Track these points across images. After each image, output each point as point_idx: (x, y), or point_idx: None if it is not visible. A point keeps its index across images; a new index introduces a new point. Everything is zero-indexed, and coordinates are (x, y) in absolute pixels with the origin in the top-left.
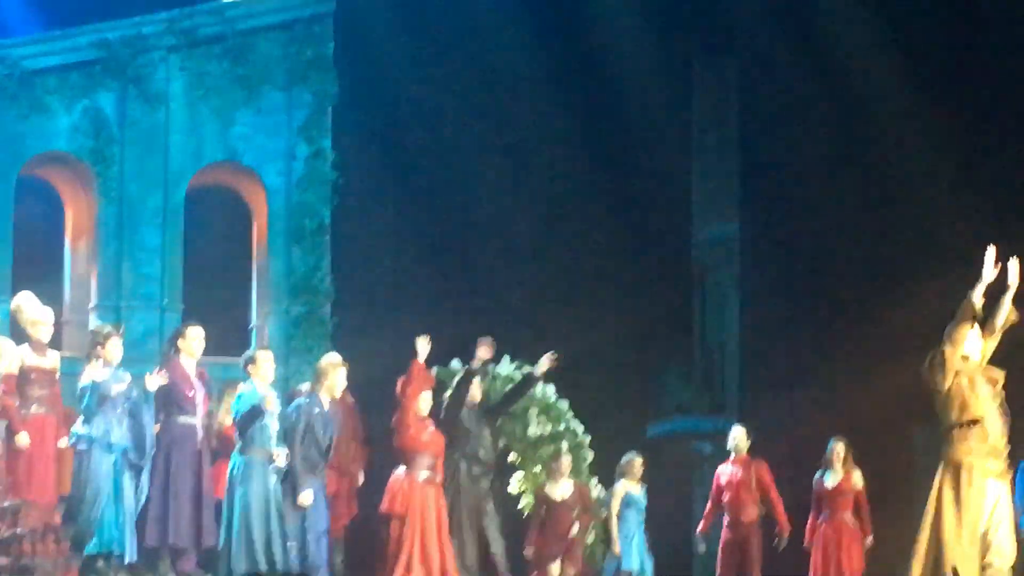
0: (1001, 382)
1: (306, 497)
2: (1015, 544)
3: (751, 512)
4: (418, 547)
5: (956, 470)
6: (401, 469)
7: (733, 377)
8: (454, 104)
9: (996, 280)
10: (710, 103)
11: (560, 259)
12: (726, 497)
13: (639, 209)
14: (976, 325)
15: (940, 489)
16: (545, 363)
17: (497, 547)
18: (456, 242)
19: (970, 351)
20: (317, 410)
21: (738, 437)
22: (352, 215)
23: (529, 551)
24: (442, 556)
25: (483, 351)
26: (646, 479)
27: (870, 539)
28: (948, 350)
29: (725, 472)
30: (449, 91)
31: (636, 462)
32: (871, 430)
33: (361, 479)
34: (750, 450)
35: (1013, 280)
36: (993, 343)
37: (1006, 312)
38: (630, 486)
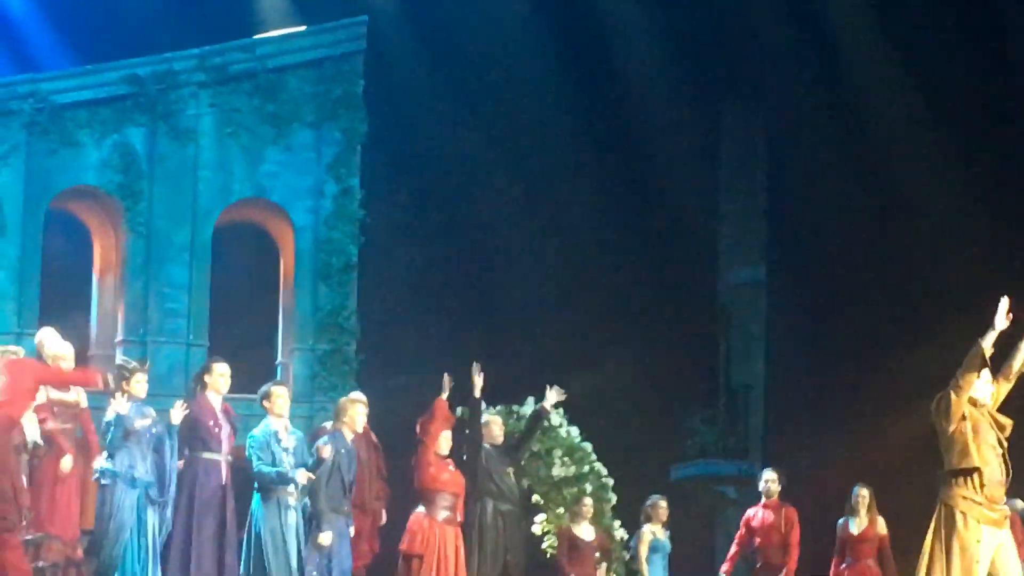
0: (1008, 430)
1: (326, 538)
2: None
3: (782, 556)
4: None
5: (951, 513)
6: (420, 508)
7: (758, 421)
8: (482, 144)
9: (1014, 325)
10: (737, 148)
11: (586, 300)
12: (757, 541)
13: (666, 253)
14: (988, 370)
15: (935, 532)
16: (553, 396)
17: None
18: (482, 283)
19: (980, 395)
20: (343, 448)
21: (771, 480)
22: (379, 253)
23: None
24: None
25: (477, 379)
26: (669, 523)
27: None
28: (954, 396)
29: (756, 516)
30: (478, 131)
31: (661, 505)
32: (896, 475)
33: (384, 517)
34: (780, 495)
35: None
36: (1007, 387)
37: (1023, 357)
38: (656, 530)
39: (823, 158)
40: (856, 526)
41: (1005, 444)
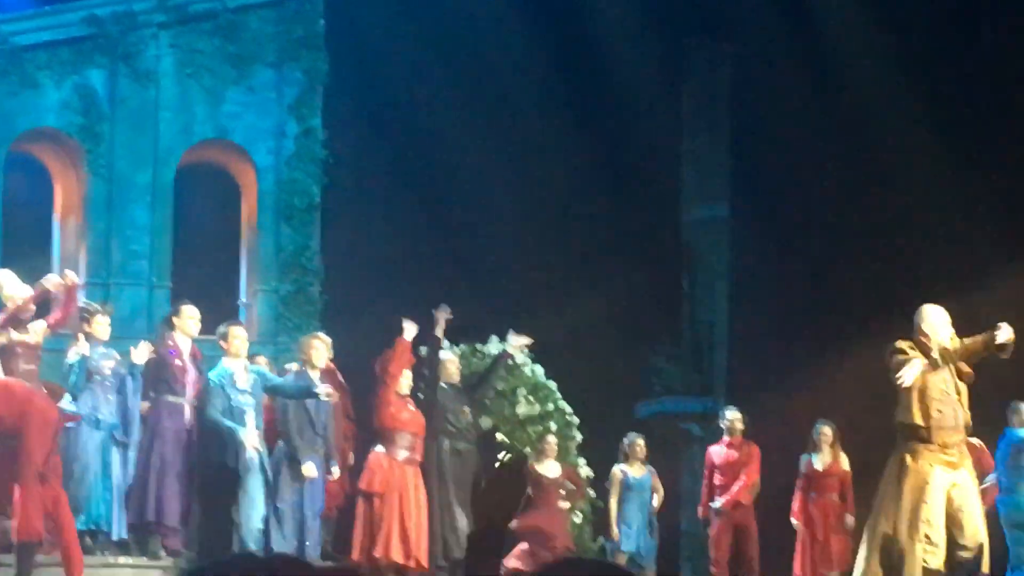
0: (968, 378)
1: (310, 469)
2: (983, 525)
3: (746, 494)
4: (397, 526)
5: (901, 456)
6: (380, 448)
7: (722, 358)
8: (445, 82)
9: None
10: (701, 85)
11: (550, 240)
12: (719, 479)
13: (629, 190)
14: (947, 314)
15: (888, 473)
16: (516, 340)
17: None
18: (446, 222)
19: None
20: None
21: (733, 419)
22: (342, 193)
23: (514, 523)
24: (418, 535)
25: (440, 317)
26: (648, 460)
27: (851, 519)
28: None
29: (719, 454)
30: (440, 70)
31: (638, 444)
32: (858, 413)
33: (352, 458)
34: (743, 432)
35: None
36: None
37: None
38: (629, 469)
39: (789, 95)
40: (820, 462)
41: (963, 390)
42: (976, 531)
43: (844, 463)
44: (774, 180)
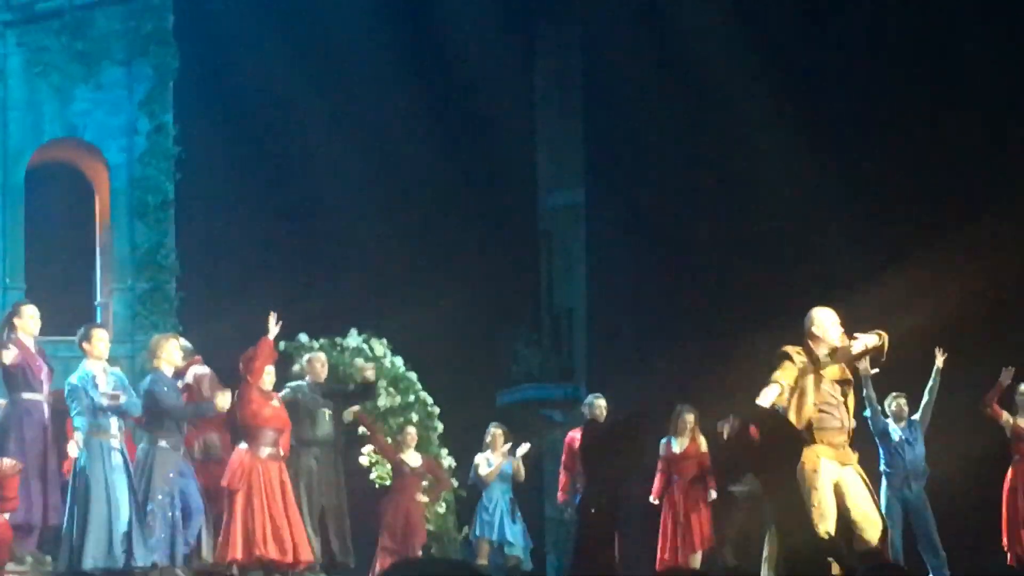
0: (851, 384)
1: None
2: (878, 515)
3: None
4: (268, 523)
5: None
6: (243, 445)
7: (581, 344)
8: (296, 76)
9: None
10: (553, 69)
11: (407, 230)
12: (581, 465)
13: (484, 177)
14: (839, 329)
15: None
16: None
17: (337, 528)
18: (301, 215)
19: (822, 352)
20: (165, 386)
21: (600, 406)
22: (196, 190)
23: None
24: (291, 531)
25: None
26: (511, 450)
27: (714, 493)
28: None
29: (579, 439)
30: (291, 63)
31: (496, 434)
32: (717, 398)
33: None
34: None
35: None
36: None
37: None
38: (491, 457)
39: (641, 78)
40: (679, 445)
41: (847, 394)
42: (867, 521)
43: (703, 445)
44: (630, 165)
